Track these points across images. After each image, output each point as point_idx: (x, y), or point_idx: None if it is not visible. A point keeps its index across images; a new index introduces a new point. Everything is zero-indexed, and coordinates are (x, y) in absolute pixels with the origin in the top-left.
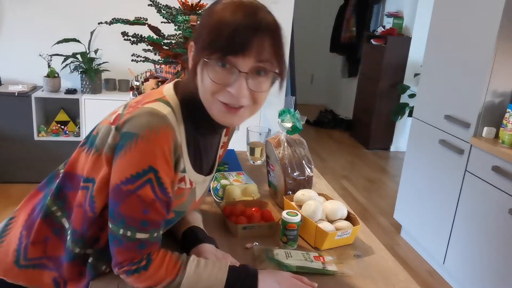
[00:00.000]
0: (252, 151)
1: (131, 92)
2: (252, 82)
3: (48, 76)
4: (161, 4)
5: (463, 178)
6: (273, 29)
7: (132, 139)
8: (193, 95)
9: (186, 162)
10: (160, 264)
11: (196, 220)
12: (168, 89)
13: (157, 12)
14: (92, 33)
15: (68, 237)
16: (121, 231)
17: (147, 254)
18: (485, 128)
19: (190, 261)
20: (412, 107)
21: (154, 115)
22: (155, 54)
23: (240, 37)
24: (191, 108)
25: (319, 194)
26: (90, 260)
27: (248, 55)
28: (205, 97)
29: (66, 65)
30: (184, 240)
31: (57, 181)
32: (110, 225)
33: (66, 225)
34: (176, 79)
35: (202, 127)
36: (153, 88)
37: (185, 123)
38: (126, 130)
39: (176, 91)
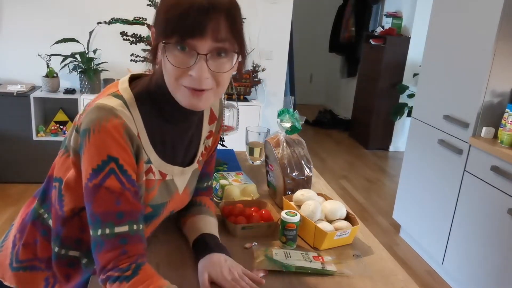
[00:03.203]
0: (251, 151)
1: None
2: (213, 64)
3: (47, 76)
4: None
5: (462, 178)
6: (229, 7)
7: (86, 136)
8: (155, 84)
9: (149, 152)
10: (142, 281)
11: (208, 226)
12: (122, 82)
13: None
14: (91, 33)
15: (51, 237)
16: (99, 232)
17: (136, 265)
18: (484, 128)
19: None
20: (411, 107)
21: (101, 108)
22: None
23: (195, 19)
24: (152, 97)
25: (318, 194)
26: (83, 261)
27: (205, 37)
28: (169, 83)
29: (65, 65)
30: (195, 249)
31: (43, 185)
32: (91, 233)
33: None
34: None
35: (169, 115)
36: None
37: (143, 113)
38: (81, 128)
39: (131, 83)
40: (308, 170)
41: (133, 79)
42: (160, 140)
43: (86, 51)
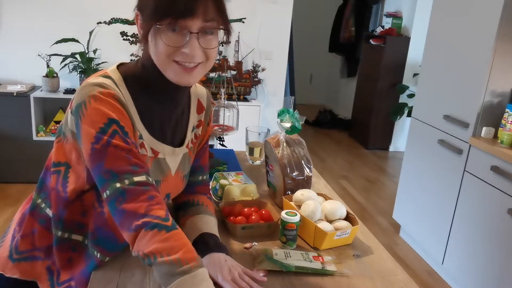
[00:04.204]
0: (251, 151)
1: None
2: (203, 41)
3: (47, 76)
4: None
5: (462, 178)
6: None
7: (81, 108)
8: (141, 65)
9: (140, 128)
10: (179, 238)
11: (207, 225)
12: (112, 66)
13: None
14: (91, 33)
15: (52, 223)
16: (118, 185)
17: (173, 220)
18: (484, 128)
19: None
20: (411, 107)
21: (91, 84)
22: None
23: (186, 2)
24: (138, 78)
25: (318, 194)
26: (86, 242)
27: (196, 17)
28: (160, 61)
29: (65, 65)
30: (195, 249)
31: (40, 177)
32: (106, 195)
33: (50, 214)
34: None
35: (156, 94)
36: None
37: (132, 92)
38: (74, 105)
39: (119, 67)
40: (308, 170)
41: (121, 65)
42: (149, 118)
43: (86, 51)
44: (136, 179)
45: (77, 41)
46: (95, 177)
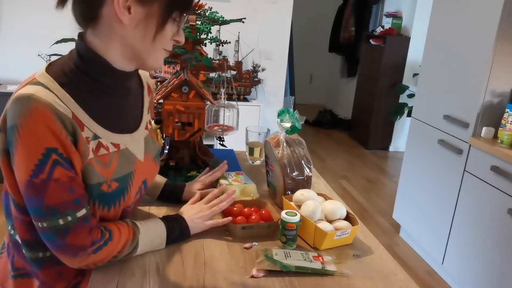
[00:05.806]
0: (251, 151)
1: None
2: None
3: None
4: None
5: (462, 178)
6: None
7: (15, 133)
8: (80, 58)
9: (93, 127)
10: (118, 230)
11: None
12: (39, 70)
13: None
14: None
15: (24, 251)
16: (60, 222)
17: (103, 228)
18: (484, 128)
19: (134, 221)
20: (411, 107)
21: (20, 99)
22: None
23: None
24: (79, 73)
25: (318, 194)
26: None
27: None
28: (151, 47)
29: None
30: (169, 194)
31: (3, 200)
32: (41, 225)
33: (19, 240)
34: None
35: (105, 85)
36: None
37: (70, 92)
38: (7, 126)
39: (49, 69)
40: (308, 170)
41: (51, 65)
42: (101, 113)
43: None
44: (79, 214)
45: None
46: (30, 207)
